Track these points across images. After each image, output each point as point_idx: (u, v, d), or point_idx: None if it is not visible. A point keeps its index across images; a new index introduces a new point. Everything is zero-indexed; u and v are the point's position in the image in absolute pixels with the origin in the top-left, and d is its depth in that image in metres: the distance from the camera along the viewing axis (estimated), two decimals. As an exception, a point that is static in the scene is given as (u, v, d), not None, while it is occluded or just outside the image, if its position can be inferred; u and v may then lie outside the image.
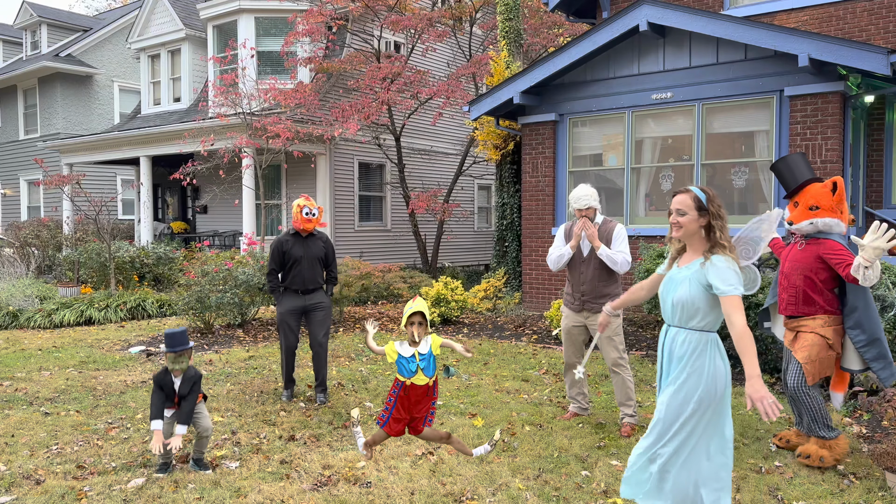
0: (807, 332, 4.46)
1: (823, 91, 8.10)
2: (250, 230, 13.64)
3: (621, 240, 5.18)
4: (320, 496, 3.98)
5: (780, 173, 4.71)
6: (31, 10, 22.58)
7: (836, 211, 4.44)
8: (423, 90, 13.94)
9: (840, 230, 4.46)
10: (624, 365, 5.12)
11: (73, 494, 4.04)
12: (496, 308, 10.89)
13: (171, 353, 4.28)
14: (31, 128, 22.29)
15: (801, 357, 4.40)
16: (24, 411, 5.75)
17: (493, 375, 6.92)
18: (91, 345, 8.76)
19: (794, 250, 4.61)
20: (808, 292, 4.45)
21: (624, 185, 9.65)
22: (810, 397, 4.38)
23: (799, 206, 4.54)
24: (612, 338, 5.12)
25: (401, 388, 3.66)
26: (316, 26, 13.83)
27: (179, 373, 4.34)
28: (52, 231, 16.66)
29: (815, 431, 4.40)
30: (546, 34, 14.73)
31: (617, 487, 4.08)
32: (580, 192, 5.17)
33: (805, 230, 4.51)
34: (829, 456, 4.32)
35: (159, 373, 4.36)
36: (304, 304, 5.94)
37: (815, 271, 4.43)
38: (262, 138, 12.98)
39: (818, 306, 4.44)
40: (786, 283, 4.60)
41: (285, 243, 5.89)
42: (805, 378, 4.37)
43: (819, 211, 4.44)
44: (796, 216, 4.55)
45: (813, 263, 4.44)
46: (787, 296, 4.58)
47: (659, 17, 8.74)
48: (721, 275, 2.96)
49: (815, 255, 4.43)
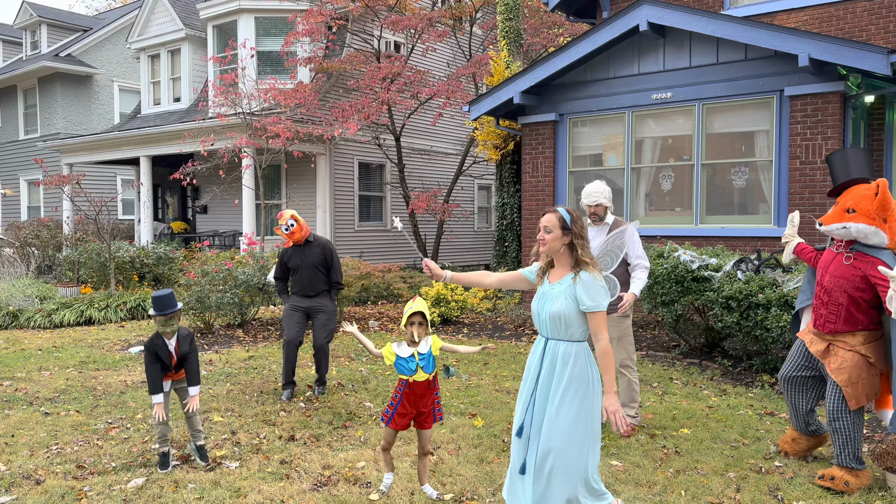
0: (845, 350, 4.07)
1: (823, 91, 8.09)
2: (250, 230, 13.64)
3: (636, 244, 5.09)
4: (320, 496, 3.98)
5: (832, 166, 4.23)
6: (31, 9, 22.57)
7: (877, 219, 3.93)
8: (423, 90, 13.94)
9: (880, 241, 3.95)
10: (631, 366, 5.10)
11: (73, 494, 4.04)
12: (496, 308, 10.89)
13: (160, 316, 4.32)
14: (31, 128, 22.29)
15: (841, 380, 4.03)
16: (24, 411, 5.75)
17: (493, 375, 6.92)
18: (91, 345, 8.76)
19: (839, 262, 4.10)
20: (852, 311, 4.03)
21: (624, 185, 9.65)
22: (846, 423, 4.05)
23: (837, 205, 4.08)
24: (621, 338, 5.10)
25: (406, 384, 3.71)
26: (316, 26, 13.83)
27: (171, 335, 4.39)
28: (52, 231, 16.66)
29: (841, 459, 4.06)
30: (546, 34, 14.73)
31: (617, 487, 4.08)
32: (590, 189, 5.13)
33: (837, 234, 4.05)
34: (854, 482, 3.99)
35: (151, 339, 4.37)
36: (308, 306, 6.25)
37: (861, 290, 3.99)
38: (261, 138, 12.98)
39: (860, 323, 4.05)
40: (826, 297, 4.12)
41: (285, 254, 6.33)
42: (844, 402, 4.03)
43: (855, 215, 3.96)
44: (829, 217, 4.09)
45: (860, 283, 3.99)
46: (826, 312, 4.13)
47: (659, 17, 8.74)
48: (589, 292, 3.13)
49: (861, 275, 3.97)
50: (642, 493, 4.00)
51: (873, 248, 4.00)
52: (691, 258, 6.99)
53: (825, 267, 4.19)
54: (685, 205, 9.25)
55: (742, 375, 6.78)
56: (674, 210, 9.37)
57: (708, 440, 4.90)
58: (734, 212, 8.88)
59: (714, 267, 6.90)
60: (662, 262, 7.16)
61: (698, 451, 4.67)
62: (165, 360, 4.37)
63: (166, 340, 4.38)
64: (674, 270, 6.98)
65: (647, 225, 9.47)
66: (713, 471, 4.34)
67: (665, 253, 7.32)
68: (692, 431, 5.08)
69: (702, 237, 8.87)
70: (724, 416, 5.47)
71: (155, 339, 4.37)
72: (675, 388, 6.35)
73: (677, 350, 7.72)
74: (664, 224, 9.35)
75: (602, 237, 5.12)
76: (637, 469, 4.37)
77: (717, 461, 4.49)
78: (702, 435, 5.00)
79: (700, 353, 7.63)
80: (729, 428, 5.18)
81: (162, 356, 4.35)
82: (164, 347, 4.36)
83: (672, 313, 7.08)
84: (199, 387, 4.48)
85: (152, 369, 4.34)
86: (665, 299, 7.07)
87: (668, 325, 7.49)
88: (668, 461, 4.50)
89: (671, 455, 4.61)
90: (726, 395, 6.11)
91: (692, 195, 9.14)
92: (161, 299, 4.33)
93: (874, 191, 3.96)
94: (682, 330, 7.79)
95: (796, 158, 8.27)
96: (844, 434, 4.06)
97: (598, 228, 5.17)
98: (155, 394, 4.33)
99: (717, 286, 6.73)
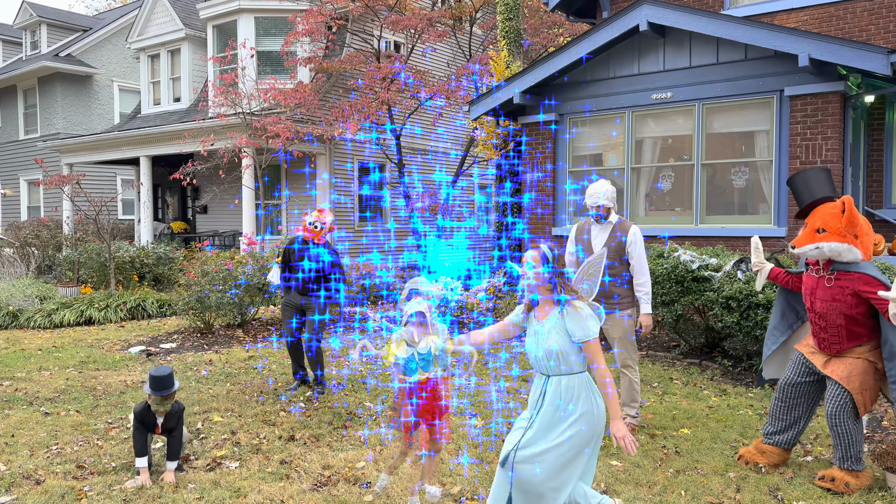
0: (853, 359, 4.09)
1: (823, 91, 8.09)
2: (250, 230, 13.63)
3: (638, 246, 5.05)
4: (320, 496, 3.98)
5: (796, 188, 4.29)
6: (30, 9, 22.56)
7: (847, 235, 3.98)
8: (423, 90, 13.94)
9: (853, 258, 4.02)
10: (633, 366, 5.10)
11: (73, 494, 4.03)
12: (496, 308, 10.88)
13: (156, 396, 4.13)
14: (31, 128, 22.29)
15: (853, 387, 4.04)
16: (24, 411, 5.75)
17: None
18: (91, 345, 8.76)
19: (822, 286, 4.12)
20: (852, 328, 4.05)
21: (624, 185, 9.65)
22: (850, 427, 4.06)
23: (807, 227, 4.13)
24: (623, 338, 5.10)
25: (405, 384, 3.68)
26: (316, 26, 13.83)
27: (163, 414, 4.23)
28: (52, 231, 16.65)
29: (845, 463, 4.08)
30: (546, 34, 14.73)
31: (617, 487, 4.08)
32: (594, 189, 5.11)
33: (812, 255, 4.10)
34: (854, 483, 4.02)
35: (141, 408, 4.22)
36: (300, 304, 6.34)
37: (854, 307, 4.01)
38: (261, 138, 12.98)
39: (863, 337, 4.08)
40: (822, 323, 4.13)
41: (289, 248, 6.39)
42: (846, 406, 4.05)
43: (826, 234, 4.00)
44: (800, 239, 4.13)
45: (850, 300, 4.01)
46: (827, 335, 4.14)
47: (659, 17, 8.74)
48: (578, 323, 3.19)
49: (851, 293, 4.00)
50: (642, 493, 4.00)
51: (850, 263, 4.04)
52: (691, 258, 6.99)
53: (811, 293, 4.20)
54: (685, 205, 9.25)
55: (742, 375, 6.78)
56: (674, 210, 9.37)
57: (708, 440, 4.90)
58: (734, 212, 8.88)
59: (714, 267, 6.90)
60: (662, 262, 7.16)
61: (698, 451, 4.67)
62: (149, 430, 4.26)
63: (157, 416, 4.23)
64: (674, 270, 6.98)
65: (648, 225, 9.47)
66: (713, 471, 4.34)
67: (665, 253, 7.32)
68: (692, 431, 5.08)
69: (702, 237, 8.87)
70: (724, 416, 5.47)
71: (146, 410, 4.20)
72: (675, 388, 6.35)
73: (677, 350, 7.72)
74: (664, 224, 9.34)
75: (605, 235, 5.13)
76: (637, 469, 4.37)
77: (717, 461, 4.49)
78: (702, 435, 5.00)
79: (700, 353, 7.63)
80: (729, 428, 5.18)
81: (147, 426, 4.23)
82: (153, 420, 4.22)
83: (672, 313, 7.07)
84: (176, 462, 4.30)
85: (138, 434, 4.19)
86: (665, 299, 7.07)
87: (668, 325, 7.49)
88: (668, 461, 4.50)
89: (671, 455, 4.61)
90: (726, 395, 6.11)
91: (692, 195, 9.14)
92: (160, 379, 4.12)
93: (840, 208, 4.01)
94: (682, 330, 7.79)
95: (796, 158, 8.27)
96: (847, 437, 4.06)
97: (603, 227, 5.15)
98: (140, 457, 4.18)
99: (717, 286, 6.73)
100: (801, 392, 4.37)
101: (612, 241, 5.09)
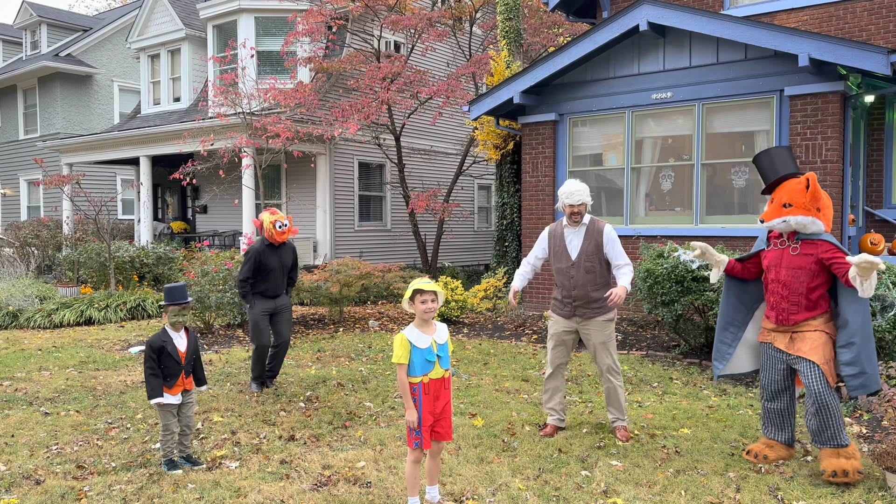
0: (811, 331, 4.26)
1: (823, 91, 8.10)
2: (250, 230, 13.63)
3: (616, 244, 4.95)
4: (320, 496, 3.98)
5: (761, 166, 4.50)
6: (30, 9, 22.56)
7: (811, 209, 4.22)
8: (423, 90, 13.94)
9: (817, 230, 4.25)
10: (617, 371, 5.02)
11: (73, 494, 4.03)
12: (496, 308, 10.88)
13: (174, 307, 4.37)
14: (30, 128, 22.29)
15: (819, 358, 4.17)
16: (24, 411, 5.75)
17: (493, 375, 6.92)
18: (91, 345, 8.76)
19: (789, 255, 4.33)
20: (812, 297, 4.25)
21: (624, 185, 9.65)
22: (832, 400, 4.14)
23: (773, 202, 4.34)
24: (605, 343, 4.99)
25: (420, 389, 3.56)
26: (316, 26, 13.83)
27: (181, 326, 4.42)
28: (52, 231, 16.65)
29: (834, 440, 4.14)
30: (546, 34, 14.73)
31: (617, 487, 4.08)
32: (573, 187, 4.90)
33: (779, 228, 4.31)
34: (851, 463, 4.07)
35: (157, 338, 4.34)
36: (274, 307, 6.41)
37: (818, 274, 4.23)
38: (261, 138, 12.98)
39: (819, 307, 4.28)
40: (785, 291, 4.31)
41: (262, 254, 6.32)
42: (826, 379, 4.16)
43: (792, 209, 4.23)
44: (769, 213, 4.34)
45: (814, 267, 4.22)
46: (788, 304, 4.30)
47: (659, 17, 8.74)
48: None
49: (815, 259, 4.22)
50: (642, 493, 4.00)
51: (813, 234, 4.28)
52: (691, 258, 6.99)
53: (777, 263, 4.40)
54: (685, 205, 9.25)
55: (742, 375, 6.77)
56: (674, 210, 9.37)
57: (708, 440, 4.90)
58: (734, 212, 8.89)
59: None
60: (662, 262, 7.16)
61: (698, 451, 4.67)
62: (173, 355, 4.34)
63: (174, 335, 4.39)
64: (674, 270, 6.97)
65: (648, 225, 9.47)
66: (713, 471, 4.34)
67: (665, 253, 7.32)
68: (692, 431, 5.08)
69: (702, 237, 8.87)
70: (724, 416, 5.47)
71: (163, 336, 4.36)
72: (675, 388, 6.35)
73: (677, 350, 7.72)
74: (664, 224, 9.35)
75: (580, 238, 4.97)
76: (637, 469, 4.37)
77: (717, 461, 4.49)
78: (702, 435, 5.00)
79: (700, 353, 7.63)
80: (729, 428, 5.18)
81: (169, 350, 4.33)
82: (172, 345, 4.36)
83: (672, 313, 7.07)
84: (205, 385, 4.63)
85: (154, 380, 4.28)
86: (665, 299, 7.07)
87: (668, 325, 7.49)
88: (668, 461, 4.50)
89: (671, 455, 4.61)
90: (726, 395, 6.11)
91: (692, 195, 9.14)
92: (174, 290, 4.41)
93: (805, 184, 4.25)
94: (682, 330, 7.79)
95: (796, 158, 8.27)
96: (835, 412, 4.16)
97: (576, 230, 4.99)
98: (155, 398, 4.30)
99: (718, 286, 6.72)
100: (783, 389, 4.50)
101: (588, 243, 4.96)
